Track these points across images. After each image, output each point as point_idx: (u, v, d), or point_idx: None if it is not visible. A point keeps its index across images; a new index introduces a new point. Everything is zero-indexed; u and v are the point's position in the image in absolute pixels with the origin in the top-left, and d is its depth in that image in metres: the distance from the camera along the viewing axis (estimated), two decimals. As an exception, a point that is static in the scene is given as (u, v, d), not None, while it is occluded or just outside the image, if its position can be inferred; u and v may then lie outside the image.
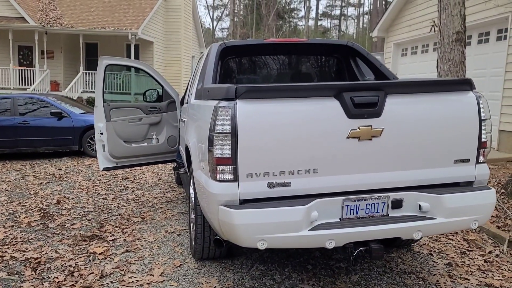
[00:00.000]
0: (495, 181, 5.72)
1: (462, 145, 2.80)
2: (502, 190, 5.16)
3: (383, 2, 33.72)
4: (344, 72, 4.36)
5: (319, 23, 53.75)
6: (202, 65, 4.11)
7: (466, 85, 2.84)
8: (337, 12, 53.71)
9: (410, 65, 11.85)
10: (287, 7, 50.55)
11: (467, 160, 2.83)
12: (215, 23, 54.25)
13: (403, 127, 2.69)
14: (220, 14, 53.20)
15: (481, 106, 2.80)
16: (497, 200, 4.86)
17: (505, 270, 3.55)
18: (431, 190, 2.74)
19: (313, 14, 52.25)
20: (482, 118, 2.80)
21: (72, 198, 5.96)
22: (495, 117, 7.92)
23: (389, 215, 2.74)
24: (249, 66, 4.55)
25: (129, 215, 5.13)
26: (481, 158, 2.86)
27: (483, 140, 2.83)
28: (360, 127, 2.60)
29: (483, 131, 2.82)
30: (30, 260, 3.77)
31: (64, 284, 3.28)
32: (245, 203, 2.57)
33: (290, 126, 2.56)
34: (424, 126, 2.73)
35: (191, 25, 23.28)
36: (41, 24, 17.36)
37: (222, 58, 4.05)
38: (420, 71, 11.12)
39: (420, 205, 2.72)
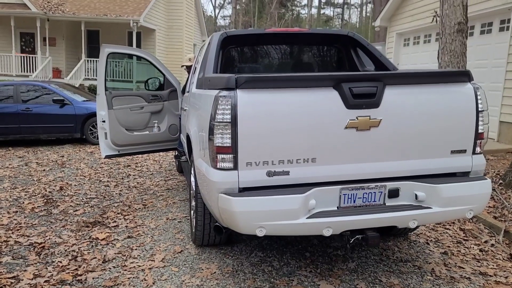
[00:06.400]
0: (494, 171, 5.76)
1: (459, 136, 2.84)
2: (500, 181, 5.21)
3: (387, -9, 33.35)
4: (344, 62, 4.38)
5: (322, 11, 53.38)
6: (203, 54, 4.14)
7: (464, 76, 2.87)
8: (340, 0, 53.26)
9: (412, 55, 11.81)
10: (290, -5, 50.12)
11: (464, 151, 2.87)
12: (217, 10, 53.93)
13: (401, 118, 2.73)
14: (222, 2, 52.85)
15: (478, 97, 2.83)
16: (495, 190, 4.91)
17: (500, 260, 3.61)
18: (428, 180, 2.79)
19: (316, 2, 51.85)
20: (480, 109, 2.83)
21: (75, 185, 6.04)
22: (496, 108, 7.93)
23: (386, 204, 2.79)
24: (250, 55, 4.57)
25: (130, 202, 5.20)
26: (478, 149, 2.90)
27: (480, 131, 2.86)
28: (359, 118, 2.64)
29: (480, 122, 2.85)
30: (34, 244, 3.85)
31: (68, 268, 3.36)
32: (244, 191, 2.62)
33: (289, 116, 2.60)
34: (422, 117, 2.76)
35: (193, 13, 23.16)
36: (43, 10, 17.30)
37: (223, 48, 4.08)
38: (422, 61, 11.09)
39: (416, 195, 2.77)
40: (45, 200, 5.24)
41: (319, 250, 3.68)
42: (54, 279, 3.18)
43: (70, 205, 5.07)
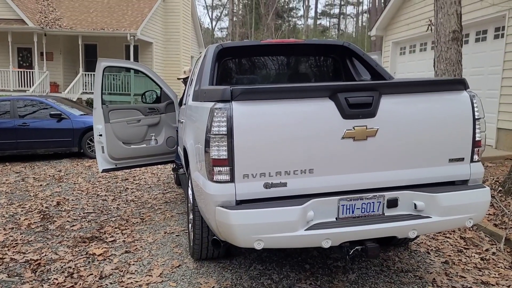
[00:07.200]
0: (493, 179, 5.74)
1: (457, 144, 2.83)
2: (500, 188, 5.18)
3: (382, 1, 33.69)
4: (340, 72, 4.38)
5: (318, 22, 53.76)
6: (199, 67, 4.14)
7: (460, 84, 2.86)
8: (336, 11, 53.72)
9: (408, 63, 11.87)
10: (286, 6, 50.55)
11: (462, 159, 2.85)
12: (214, 23, 54.37)
13: (398, 127, 2.71)
14: (219, 14, 53.29)
15: (475, 105, 2.82)
16: (495, 198, 4.88)
17: (502, 268, 3.57)
18: (426, 189, 2.77)
19: (312, 13, 52.32)
20: (476, 117, 2.82)
21: (72, 200, 5.99)
22: (493, 115, 7.94)
23: (385, 214, 2.76)
24: (246, 67, 4.57)
25: (128, 216, 5.15)
26: (476, 157, 2.88)
27: (477, 139, 2.85)
28: (355, 127, 2.62)
29: (477, 130, 2.84)
30: (30, 262, 3.80)
31: (64, 286, 3.31)
32: (241, 203, 2.59)
33: (286, 127, 2.59)
34: (419, 126, 2.75)
35: (190, 25, 23.31)
36: (40, 25, 17.39)
37: (219, 60, 4.08)
38: (418, 69, 11.14)
39: (415, 204, 2.75)
40: (42, 216, 5.19)
41: (319, 262, 3.63)
42: (50, 297, 3.13)
43: (67, 221, 5.02)
